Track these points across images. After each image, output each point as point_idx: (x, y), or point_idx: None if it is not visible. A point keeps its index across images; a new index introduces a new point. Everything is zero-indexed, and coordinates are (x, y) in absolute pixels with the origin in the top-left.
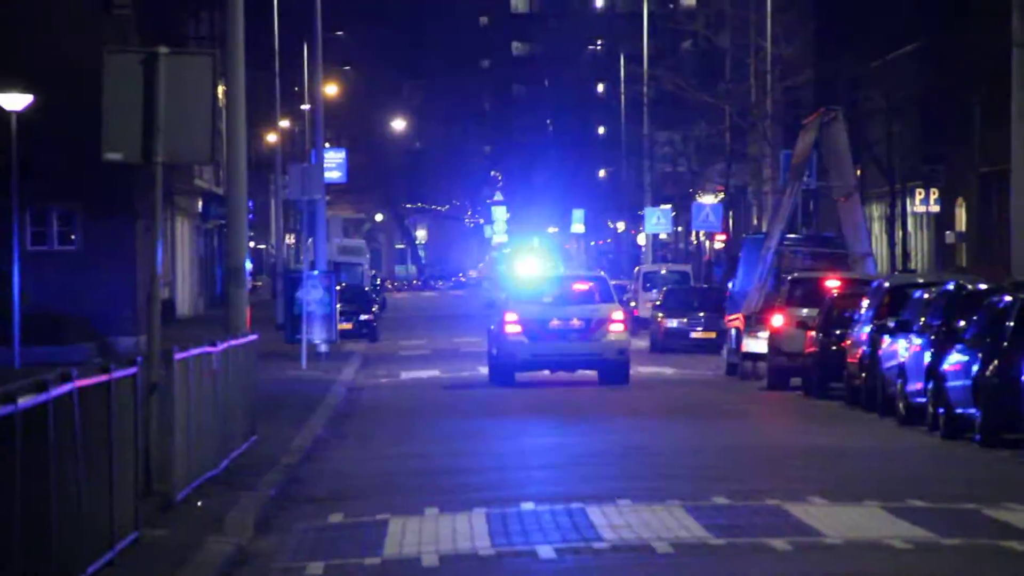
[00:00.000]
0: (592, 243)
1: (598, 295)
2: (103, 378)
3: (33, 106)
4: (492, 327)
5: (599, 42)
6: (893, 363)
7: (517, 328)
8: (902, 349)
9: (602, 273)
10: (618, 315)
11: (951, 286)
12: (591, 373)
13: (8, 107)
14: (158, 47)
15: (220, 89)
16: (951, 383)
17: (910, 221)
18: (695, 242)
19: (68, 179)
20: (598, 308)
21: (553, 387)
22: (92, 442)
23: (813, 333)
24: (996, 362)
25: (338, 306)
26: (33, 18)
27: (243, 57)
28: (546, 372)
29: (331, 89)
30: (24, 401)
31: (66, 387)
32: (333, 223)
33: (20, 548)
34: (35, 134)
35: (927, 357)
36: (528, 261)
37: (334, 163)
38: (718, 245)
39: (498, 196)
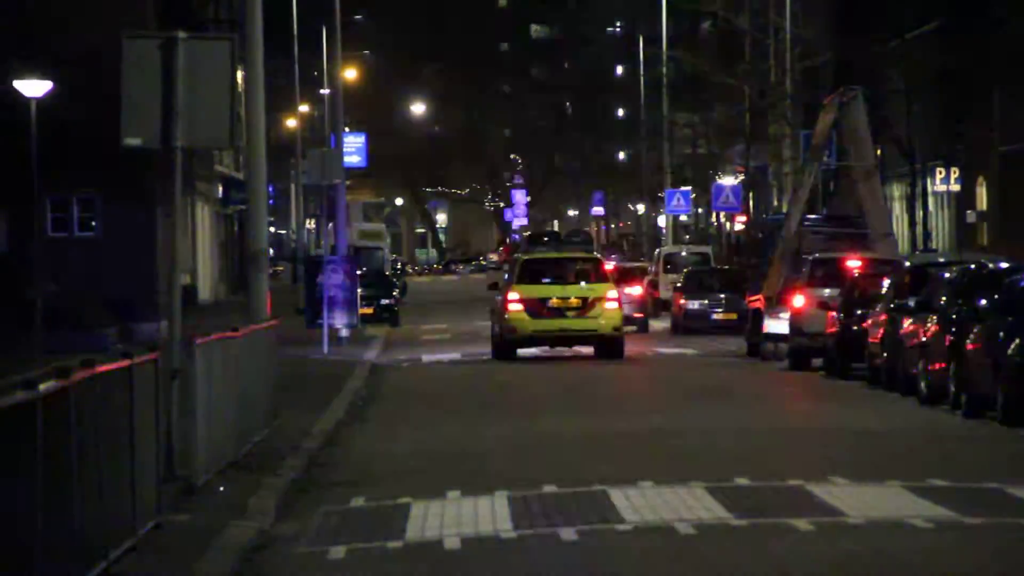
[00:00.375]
0: (612, 225)
1: (594, 275)
2: (124, 364)
3: (52, 93)
4: (495, 307)
5: (618, 24)
6: (914, 343)
7: (519, 306)
8: (923, 329)
9: (598, 255)
10: (613, 294)
11: (972, 265)
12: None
13: (28, 94)
14: (177, 31)
15: (239, 74)
16: (972, 362)
17: (930, 200)
18: (715, 224)
19: (88, 165)
20: (594, 287)
21: (568, 367)
22: (114, 428)
23: (834, 313)
24: (1018, 341)
25: (359, 291)
26: (51, 5)
27: (262, 41)
28: (546, 348)
29: (350, 73)
30: (46, 387)
31: (87, 373)
32: (353, 208)
33: (43, 534)
34: (55, 121)
35: (948, 337)
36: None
37: (354, 147)
38: (738, 227)
39: (518, 179)
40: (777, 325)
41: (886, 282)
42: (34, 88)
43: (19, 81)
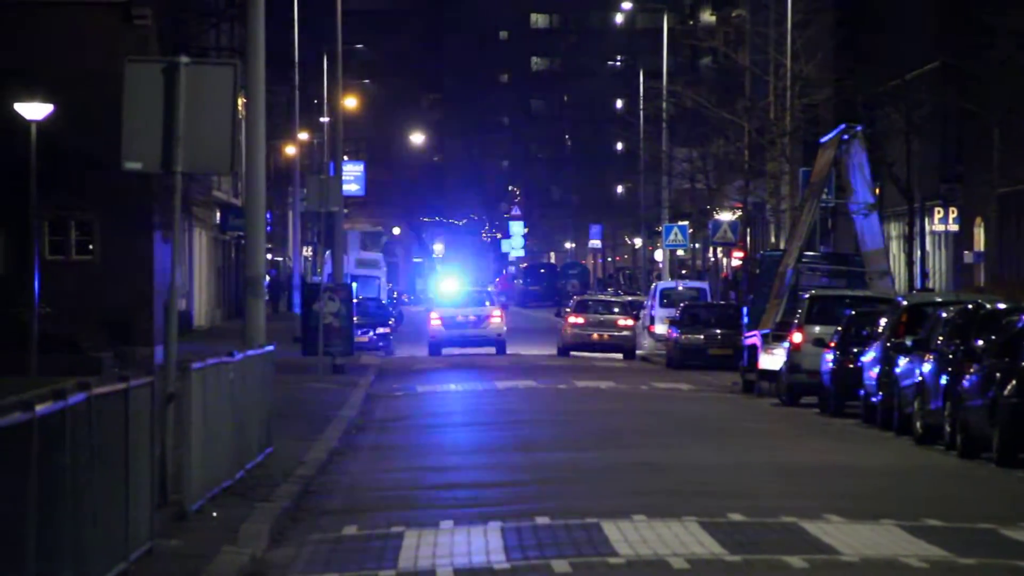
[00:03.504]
0: (609, 258)
1: (487, 300)
2: (120, 387)
3: (53, 115)
4: (427, 321)
5: (619, 58)
6: (910, 382)
7: (438, 321)
8: (919, 368)
9: (489, 288)
10: (497, 313)
11: (970, 305)
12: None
13: (28, 116)
14: (179, 57)
15: (240, 100)
16: (968, 402)
17: (928, 240)
18: (712, 259)
19: (87, 188)
20: (486, 308)
21: (561, 400)
22: (108, 451)
23: (830, 350)
24: (1014, 382)
25: (355, 319)
26: (53, 28)
27: (263, 68)
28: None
29: (350, 102)
30: (42, 408)
31: (83, 395)
32: (350, 236)
33: (35, 556)
34: (55, 143)
35: (944, 376)
36: (449, 280)
37: (352, 176)
38: (735, 262)
39: (515, 211)
40: (772, 361)
41: (883, 320)
42: (34, 111)
43: (20, 104)
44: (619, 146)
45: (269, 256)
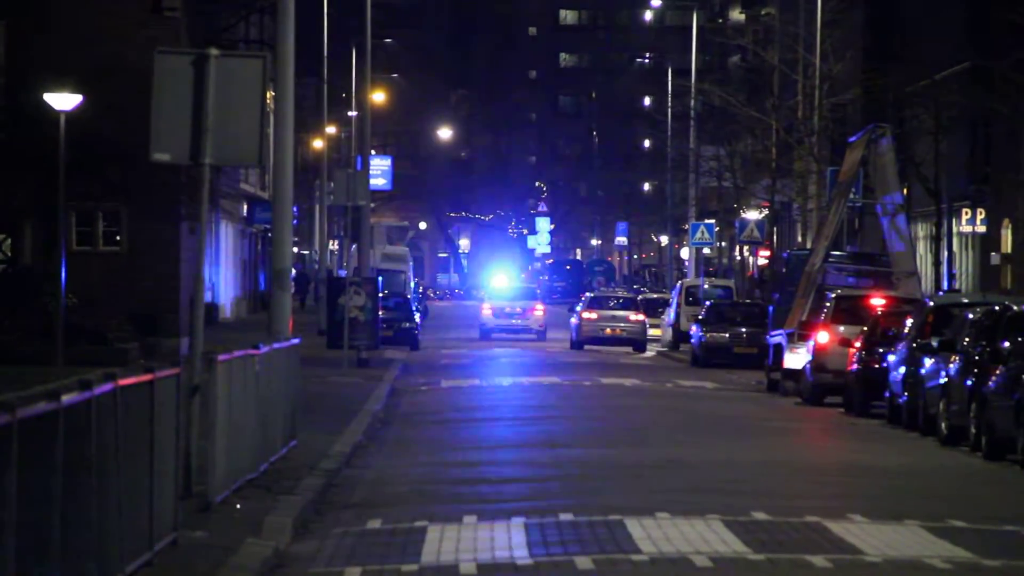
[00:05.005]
0: (635, 256)
1: (531, 295)
2: (146, 378)
3: (82, 106)
4: (478, 310)
5: (647, 55)
6: (936, 383)
7: (489, 311)
8: (945, 369)
9: (534, 285)
10: (539, 307)
11: (996, 306)
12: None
13: (57, 107)
14: (209, 49)
15: (268, 93)
16: (994, 404)
17: (955, 241)
18: (738, 257)
19: (115, 180)
20: (530, 302)
21: (587, 397)
22: (134, 442)
23: (855, 350)
24: None
25: (380, 313)
26: (82, 19)
27: (292, 61)
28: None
29: (378, 96)
30: (68, 399)
31: (109, 386)
32: (377, 230)
33: (59, 545)
34: (83, 134)
35: (970, 378)
36: (499, 276)
37: (379, 170)
38: (762, 261)
39: (542, 207)
40: (797, 360)
41: (909, 321)
42: (64, 101)
43: (49, 94)
44: (647, 143)
45: (295, 249)
